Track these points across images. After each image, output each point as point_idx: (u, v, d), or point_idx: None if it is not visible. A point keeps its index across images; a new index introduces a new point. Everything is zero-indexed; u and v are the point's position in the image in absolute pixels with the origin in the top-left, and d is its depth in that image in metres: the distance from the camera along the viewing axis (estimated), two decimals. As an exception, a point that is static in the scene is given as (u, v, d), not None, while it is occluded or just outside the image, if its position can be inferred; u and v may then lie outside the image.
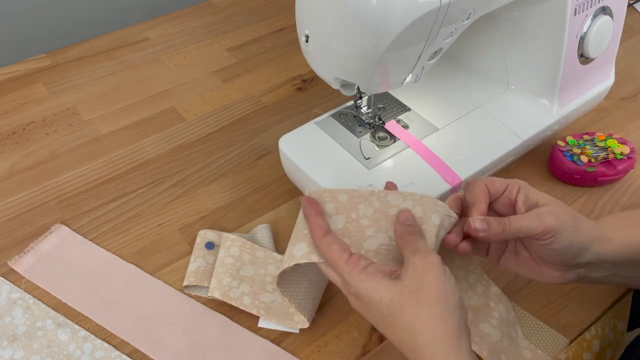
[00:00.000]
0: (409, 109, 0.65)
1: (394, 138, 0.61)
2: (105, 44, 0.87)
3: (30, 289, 0.56)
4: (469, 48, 0.70)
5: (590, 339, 0.54)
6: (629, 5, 0.96)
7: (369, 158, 0.59)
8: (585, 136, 0.67)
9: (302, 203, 0.46)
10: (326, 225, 0.44)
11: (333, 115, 0.63)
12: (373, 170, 0.58)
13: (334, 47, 0.50)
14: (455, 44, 0.56)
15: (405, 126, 0.63)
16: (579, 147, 0.65)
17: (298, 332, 0.53)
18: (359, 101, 0.61)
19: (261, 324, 0.54)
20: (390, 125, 0.63)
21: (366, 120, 0.62)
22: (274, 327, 0.53)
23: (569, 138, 0.67)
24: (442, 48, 0.53)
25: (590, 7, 0.60)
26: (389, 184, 0.51)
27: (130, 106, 0.77)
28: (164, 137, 0.73)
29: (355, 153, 0.59)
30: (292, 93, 0.80)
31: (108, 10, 1.03)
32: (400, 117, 0.64)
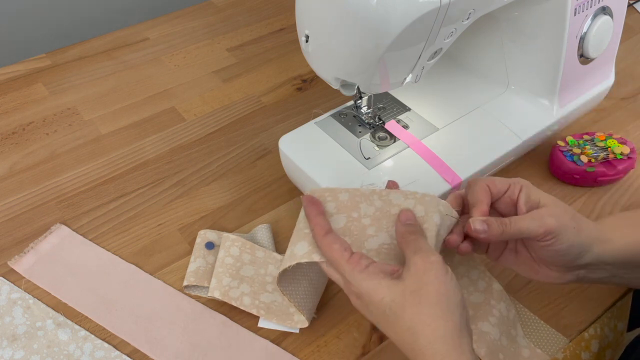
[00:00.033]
0: (409, 109, 0.65)
1: (394, 138, 0.61)
2: (105, 44, 0.87)
3: (30, 289, 0.56)
4: (469, 48, 0.70)
5: (589, 339, 0.54)
6: (629, 5, 0.96)
7: (369, 158, 0.59)
8: (585, 136, 0.67)
9: (303, 202, 0.46)
10: (327, 225, 0.44)
11: (333, 115, 0.63)
12: (373, 170, 0.58)
13: (334, 47, 0.50)
14: (455, 44, 0.56)
15: (405, 126, 0.63)
16: (579, 147, 0.65)
17: (298, 332, 0.53)
18: (359, 101, 0.61)
19: (261, 324, 0.54)
20: (390, 125, 0.63)
21: (366, 120, 0.62)
22: (274, 327, 0.53)
23: (569, 138, 0.67)
24: (442, 48, 0.53)
25: (590, 7, 0.60)
26: (391, 183, 0.51)
27: (130, 106, 0.77)
28: (164, 137, 0.73)
29: (355, 153, 0.59)
30: (292, 93, 0.80)
31: (108, 10, 1.03)
32: (400, 117, 0.64)
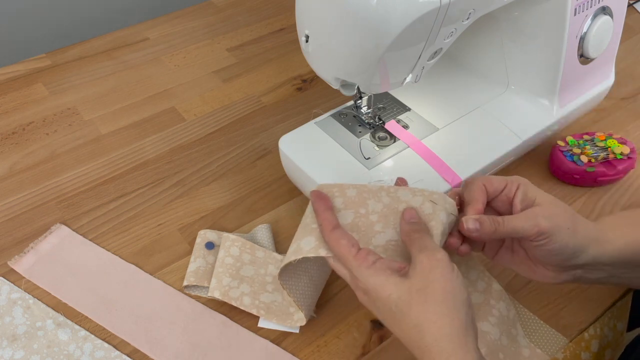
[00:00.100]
0: (409, 109, 0.65)
1: (394, 138, 0.61)
2: (105, 44, 0.87)
3: (30, 289, 0.56)
4: (469, 48, 0.70)
5: (588, 339, 0.54)
6: (629, 5, 0.96)
7: (369, 158, 0.59)
8: (585, 136, 0.67)
9: (312, 197, 0.46)
10: (335, 220, 0.44)
11: (333, 115, 0.63)
12: (373, 170, 0.58)
13: (334, 47, 0.50)
14: (455, 44, 0.56)
15: (405, 126, 0.63)
16: (579, 147, 0.65)
17: (298, 332, 0.53)
18: (359, 101, 0.61)
19: (261, 324, 0.54)
20: (390, 125, 0.63)
21: (366, 120, 0.62)
22: (274, 327, 0.53)
23: (569, 138, 0.67)
24: (442, 48, 0.53)
25: (590, 7, 0.60)
26: (399, 180, 0.51)
27: (130, 106, 0.77)
28: (164, 137, 0.73)
29: (355, 153, 0.59)
30: (292, 93, 0.80)
31: (108, 10, 1.03)
32: (400, 117, 0.64)
